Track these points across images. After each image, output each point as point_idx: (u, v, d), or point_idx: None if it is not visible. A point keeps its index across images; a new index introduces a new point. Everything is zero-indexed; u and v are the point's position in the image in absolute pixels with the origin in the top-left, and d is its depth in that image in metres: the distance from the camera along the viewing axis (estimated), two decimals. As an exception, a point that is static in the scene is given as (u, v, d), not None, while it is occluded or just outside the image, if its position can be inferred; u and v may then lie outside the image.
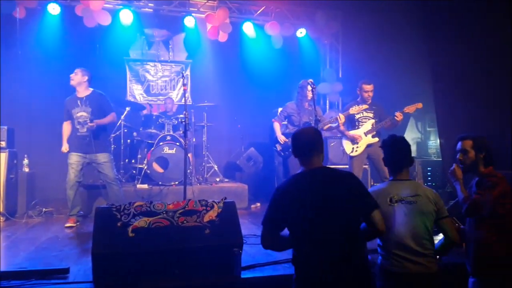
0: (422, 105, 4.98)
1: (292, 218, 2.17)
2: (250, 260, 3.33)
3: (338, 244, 2.12)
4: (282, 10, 7.73)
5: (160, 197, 5.74)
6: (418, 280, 2.43)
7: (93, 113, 4.93)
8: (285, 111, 5.34)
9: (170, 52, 8.28)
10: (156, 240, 2.92)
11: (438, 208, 2.54)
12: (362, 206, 2.20)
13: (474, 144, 2.83)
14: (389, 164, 2.68)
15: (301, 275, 2.18)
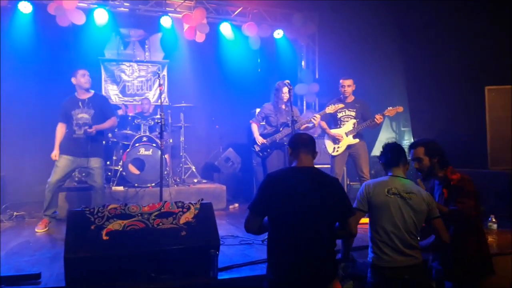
0: (402, 108, 5.03)
1: (275, 209, 2.30)
2: (227, 261, 3.32)
3: (313, 241, 2.26)
4: (260, 11, 7.75)
5: (136, 199, 5.66)
6: (407, 272, 2.53)
7: (95, 116, 4.77)
8: (263, 112, 5.34)
9: (147, 52, 8.18)
10: (131, 243, 2.87)
11: (430, 209, 2.63)
12: (342, 211, 2.38)
13: (426, 151, 2.92)
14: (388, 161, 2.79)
15: (274, 266, 2.31)
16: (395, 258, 2.54)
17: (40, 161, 5.95)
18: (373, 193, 2.65)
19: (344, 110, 5.23)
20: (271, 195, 2.32)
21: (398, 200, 2.59)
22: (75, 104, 4.78)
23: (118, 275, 2.84)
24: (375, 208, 2.64)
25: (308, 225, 2.26)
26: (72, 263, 2.73)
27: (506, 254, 3.62)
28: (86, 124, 4.71)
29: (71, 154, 4.69)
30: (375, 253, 2.62)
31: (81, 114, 4.76)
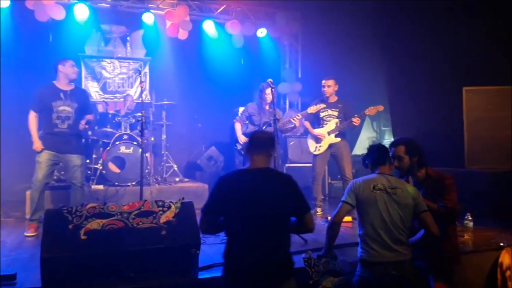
0: (383, 107, 5.10)
1: (229, 210, 2.32)
2: (208, 260, 3.30)
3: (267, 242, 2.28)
4: (243, 9, 7.73)
5: (116, 198, 5.57)
6: (395, 267, 2.58)
7: (78, 109, 4.51)
8: (246, 112, 5.38)
9: (128, 49, 8.06)
10: (110, 242, 2.83)
11: (417, 203, 2.68)
12: (297, 208, 2.38)
13: (406, 149, 2.99)
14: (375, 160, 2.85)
15: (230, 267, 2.33)
16: (383, 254, 2.59)
17: (16, 158, 5.82)
18: (360, 189, 2.72)
19: (326, 110, 5.28)
20: (222, 198, 2.33)
21: (383, 196, 2.65)
22: (56, 95, 4.46)
23: (96, 275, 2.81)
24: (362, 203, 2.71)
25: (261, 225, 2.27)
26: (48, 263, 2.69)
27: (481, 251, 3.72)
28: (68, 118, 4.46)
29: (53, 150, 4.43)
30: (363, 248, 2.67)
31: (63, 106, 4.47)
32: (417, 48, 6.36)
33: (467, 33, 5.78)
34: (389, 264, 2.58)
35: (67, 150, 4.47)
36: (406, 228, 2.67)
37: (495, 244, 3.78)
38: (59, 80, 4.55)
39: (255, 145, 2.48)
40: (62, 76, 4.54)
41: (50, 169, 4.47)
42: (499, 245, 3.71)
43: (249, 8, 7.77)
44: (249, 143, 2.53)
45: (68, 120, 4.47)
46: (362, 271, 2.68)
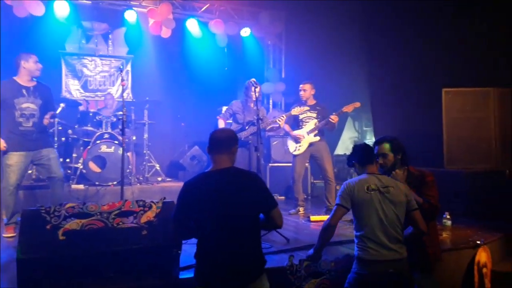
0: (360, 104, 5.17)
1: (197, 214, 2.31)
2: (190, 260, 3.25)
3: (237, 241, 2.28)
4: (227, 8, 7.72)
5: (96, 198, 5.50)
6: (392, 265, 2.60)
7: (42, 106, 4.28)
8: (230, 109, 5.32)
9: (110, 47, 7.96)
10: (89, 242, 2.78)
11: (409, 200, 2.72)
12: (264, 205, 2.38)
13: (391, 147, 3.04)
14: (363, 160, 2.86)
15: (201, 268, 2.34)
16: (380, 252, 2.61)
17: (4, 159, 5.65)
18: (354, 191, 2.71)
19: (305, 112, 5.33)
20: (190, 203, 2.32)
21: (378, 196, 2.67)
22: (18, 91, 4.19)
23: (75, 275, 2.75)
24: (357, 205, 2.71)
25: (230, 226, 2.27)
26: (25, 264, 2.62)
27: (459, 249, 3.79)
28: (33, 116, 4.22)
29: (23, 150, 4.20)
30: (361, 247, 2.69)
31: (27, 104, 4.21)
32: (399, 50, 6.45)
33: (447, 36, 5.89)
34: (387, 263, 2.60)
35: (37, 146, 4.27)
36: (402, 225, 2.70)
37: (473, 242, 3.86)
38: (20, 76, 4.26)
39: (215, 145, 2.43)
40: (24, 72, 4.26)
41: (23, 172, 4.27)
42: (476, 243, 3.79)
43: (232, 7, 7.76)
44: (209, 143, 2.47)
45: (32, 118, 4.23)
46: (359, 268, 2.69)
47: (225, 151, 2.43)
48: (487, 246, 3.81)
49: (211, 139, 2.47)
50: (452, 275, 3.70)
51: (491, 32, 5.69)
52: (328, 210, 5.20)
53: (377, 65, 6.82)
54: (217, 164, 2.41)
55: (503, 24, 5.59)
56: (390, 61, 6.52)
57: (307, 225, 4.82)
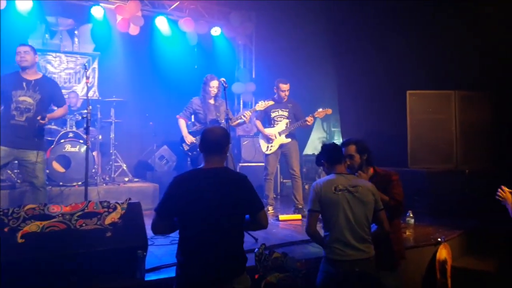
0: (331, 111, 5.25)
1: (183, 210, 2.29)
2: (156, 262, 3.24)
3: (221, 240, 2.29)
4: (197, 7, 7.65)
5: (60, 198, 5.32)
6: (359, 265, 2.63)
7: (41, 102, 4.08)
8: (191, 108, 5.08)
9: (76, 43, 7.73)
10: (50, 245, 2.69)
11: (376, 199, 2.76)
12: (251, 207, 2.42)
13: (357, 148, 3.12)
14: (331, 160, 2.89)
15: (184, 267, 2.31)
16: (347, 252, 2.64)
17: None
18: (322, 192, 2.74)
19: (277, 110, 5.35)
20: (178, 197, 2.30)
21: (346, 196, 2.70)
22: (18, 84, 4.04)
23: (35, 280, 2.66)
24: (325, 206, 2.74)
25: (216, 225, 2.29)
26: (-19, 269, 2.51)
27: (421, 247, 3.92)
28: (28, 110, 4.03)
29: (7, 145, 3.94)
30: (328, 247, 2.72)
31: (24, 97, 4.03)
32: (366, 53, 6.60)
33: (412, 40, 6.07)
34: (354, 262, 2.64)
35: (24, 145, 4.01)
36: (369, 225, 2.74)
37: (434, 239, 4.00)
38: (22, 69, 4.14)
39: (208, 146, 2.43)
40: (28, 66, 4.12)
41: (3, 167, 4.05)
42: (437, 241, 3.93)
43: (203, 6, 7.71)
44: (201, 142, 2.48)
45: (27, 113, 4.02)
46: (327, 268, 2.73)
47: (218, 152, 2.44)
48: (447, 243, 3.96)
49: (204, 139, 2.45)
50: (415, 272, 3.82)
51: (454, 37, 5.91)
52: (296, 209, 5.26)
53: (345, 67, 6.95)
54: (209, 163, 2.42)
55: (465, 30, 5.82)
56: (358, 64, 6.66)
57: (276, 224, 4.85)
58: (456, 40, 5.89)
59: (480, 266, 4.01)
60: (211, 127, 2.67)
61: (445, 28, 5.91)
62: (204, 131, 2.53)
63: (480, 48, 5.71)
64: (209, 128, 2.59)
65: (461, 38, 5.85)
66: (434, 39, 6.00)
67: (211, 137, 2.46)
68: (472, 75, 5.77)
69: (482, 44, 5.72)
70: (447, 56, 5.93)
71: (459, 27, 5.83)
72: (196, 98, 5.11)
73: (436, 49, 6.01)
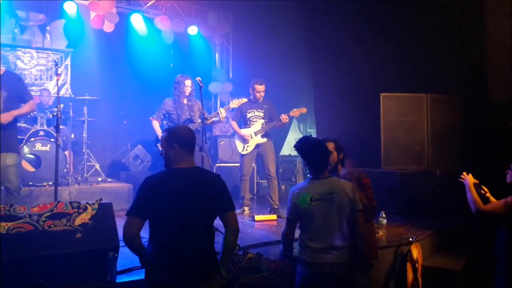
0: (306, 110, 5.29)
1: (155, 211, 2.27)
2: (128, 263, 3.17)
3: (193, 240, 2.29)
4: (173, 5, 7.58)
5: (30, 198, 5.15)
6: (330, 268, 2.63)
7: (8, 99, 3.76)
8: (164, 109, 5.09)
9: (47, 39, 7.52)
10: (16, 247, 2.59)
11: (353, 201, 2.72)
12: (222, 206, 2.41)
13: (335, 146, 3.15)
14: (312, 165, 2.80)
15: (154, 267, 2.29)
16: (319, 256, 2.64)
17: None
18: (298, 201, 2.73)
19: (253, 111, 5.35)
20: (150, 198, 2.28)
21: (321, 205, 2.68)
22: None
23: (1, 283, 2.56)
24: (301, 214, 2.73)
25: (187, 224, 2.28)
26: None
27: (393, 247, 3.99)
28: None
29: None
30: (302, 249, 2.72)
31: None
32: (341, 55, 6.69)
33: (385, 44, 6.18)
34: (325, 265, 2.63)
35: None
36: (344, 229, 2.71)
37: (406, 239, 4.08)
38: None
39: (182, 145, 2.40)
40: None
41: None
42: (408, 241, 4.01)
43: (179, 4, 7.64)
44: (174, 141, 2.42)
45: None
46: (300, 269, 2.74)
47: (188, 150, 2.42)
48: (418, 243, 4.04)
49: (178, 137, 2.40)
50: (387, 272, 3.89)
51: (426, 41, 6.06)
52: (272, 210, 5.26)
53: (320, 69, 7.02)
54: (182, 163, 2.40)
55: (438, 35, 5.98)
56: (333, 66, 6.74)
57: (251, 224, 4.84)
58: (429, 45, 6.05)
59: (449, 265, 4.11)
60: (180, 125, 2.67)
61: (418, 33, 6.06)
62: (175, 129, 2.50)
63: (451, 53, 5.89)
64: (179, 126, 2.56)
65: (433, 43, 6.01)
66: (408, 43, 6.14)
67: (186, 136, 2.43)
68: (443, 79, 5.93)
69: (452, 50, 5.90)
70: (419, 60, 6.07)
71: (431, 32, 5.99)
72: (168, 99, 5.12)
73: (409, 53, 6.15)
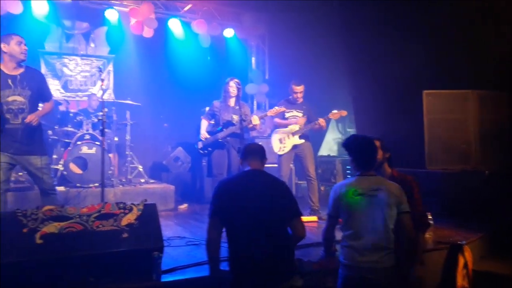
0: (346, 113, 5.21)
1: (232, 210, 2.44)
2: (172, 263, 3.24)
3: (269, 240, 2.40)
4: (210, 9, 7.67)
5: (78, 200, 5.37)
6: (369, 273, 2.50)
7: (32, 98, 3.67)
8: (211, 110, 5.27)
9: (91, 46, 7.84)
10: (68, 246, 2.72)
11: (400, 203, 2.59)
12: (291, 213, 2.55)
13: (382, 145, 3.04)
14: (359, 162, 2.71)
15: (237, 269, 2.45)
16: (358, 259, 2.53)
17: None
18: (341, 195, 2.64)
19: (292, 111, 5.33)
20: (227, 199, 2.47)
21: (365, 200, 2.57)
22: (3, 82, 3.59)
23: (53, 281, 2.68)
24: (343, 210, 2.64)
25: (264, 224, 2.40)
26: (2, 269, 2.54)
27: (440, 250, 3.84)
28: (22, 110, 3.63)
29: (8, 152, 3.60)
30: (343, 250, 2.64)
31: (13, 96, 3.61)
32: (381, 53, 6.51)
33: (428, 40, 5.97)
34: (366, 269, 2.51)
35: (23, 152, 3.67)
36: (390, 232, 2.57)
37: (454, 242, 3.91)
38: (4, 62, 3.63)
39: (250, 153, 2.72)
40: (7, 57, 3.62)
41: (6, 174, 3.64)
42: (457, 244, 3.84)
43: (215, 7, 7.73)
44: (243, 152, 2.77)
45: (22, 113, 3.64)
46: (341, 271, 2.65)
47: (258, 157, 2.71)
48: (468, 246, 3.87)
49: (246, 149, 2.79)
50: (433, 276, 3.74)
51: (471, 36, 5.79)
52: (312, 211, 5.21)
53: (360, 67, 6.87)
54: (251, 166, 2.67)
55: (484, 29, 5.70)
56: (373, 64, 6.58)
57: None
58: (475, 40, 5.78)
59: (502, 270, 3.90)
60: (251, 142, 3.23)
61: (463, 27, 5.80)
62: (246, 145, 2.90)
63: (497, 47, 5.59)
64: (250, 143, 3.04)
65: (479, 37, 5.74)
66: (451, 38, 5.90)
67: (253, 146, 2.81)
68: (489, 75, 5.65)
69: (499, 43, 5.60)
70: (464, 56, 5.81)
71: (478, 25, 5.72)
72: (216, 101, 5.25)
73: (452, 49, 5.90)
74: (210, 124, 5.33)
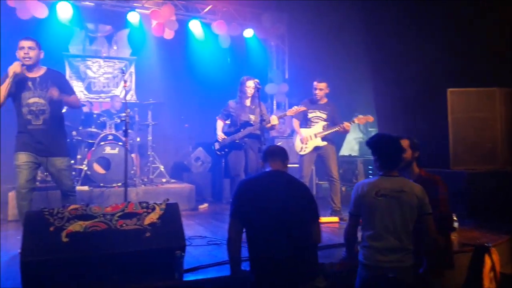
0: (373, 119, 5.11)
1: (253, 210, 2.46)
2: (194, 262, 3.26)
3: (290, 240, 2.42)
4: (229, 9, 7.71)
5: (101, 199, 5.49)
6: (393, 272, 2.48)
7: (53, 100, 3.70)
8: (226, 110, 5.16)
9: (114, 48, 7.98)
10: (92, 245, 2.77)
11: (422, 204, 2.56)
12: (310, 215, 2.56)
13: (411, 144, 2.98)
14: (383, 161, 2.65)
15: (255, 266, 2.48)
16: (381, 259, 2.51)
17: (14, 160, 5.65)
18: (362, 195, 2.61)
19: (315, 111, 5.23)
20: (248, 199, 2.49)
21: (387, 202, 2.54)
22: (23, 84, 3.64)
23: (78, 278, 2.74)
24: (365, 209, 2.61)
25: (284, 225, 2.41)
26: (29, 267, 2.61)
27: (466, 252, 3.74)
28: (43, 112, 3.67)
29: (30, 151, 3.67)
30: (364, 250, 2.61)
31: (34, 98, 3.65)
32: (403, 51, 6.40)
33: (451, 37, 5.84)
34: (387, 269, 2.49)
35: (46, 153, 3.72)
36: (409, 232, 2.54)
37: (480, 244, 3.80)
38: None
39: (271, 154, 2.74)
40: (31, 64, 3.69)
41: (32, 173, 3.70)
42: (484, 246, 3.73)
43: (235, 8, 7.75)
44: (264, 154, 2.80)
45: (43, 115, 3.68)
46: (360, 271, 2.62)
47: (279, 158, 2.72)
48: (495, 248, 3.76)
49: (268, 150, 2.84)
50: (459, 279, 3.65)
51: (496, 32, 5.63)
52: (333, 212, 5.16)
53: (381, 66, 6.77)
54: (272, 167, 2.69)
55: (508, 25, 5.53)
56: (395, 62, 6.47)
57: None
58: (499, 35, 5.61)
59: (530, 273, 3.79)
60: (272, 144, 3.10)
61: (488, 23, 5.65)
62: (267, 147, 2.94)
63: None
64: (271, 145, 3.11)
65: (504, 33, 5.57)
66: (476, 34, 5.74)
67: (274, 148, 2.85)
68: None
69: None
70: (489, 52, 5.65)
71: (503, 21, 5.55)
72: (231, 101, 5.16)
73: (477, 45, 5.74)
74: (226, 125, 5.27)
